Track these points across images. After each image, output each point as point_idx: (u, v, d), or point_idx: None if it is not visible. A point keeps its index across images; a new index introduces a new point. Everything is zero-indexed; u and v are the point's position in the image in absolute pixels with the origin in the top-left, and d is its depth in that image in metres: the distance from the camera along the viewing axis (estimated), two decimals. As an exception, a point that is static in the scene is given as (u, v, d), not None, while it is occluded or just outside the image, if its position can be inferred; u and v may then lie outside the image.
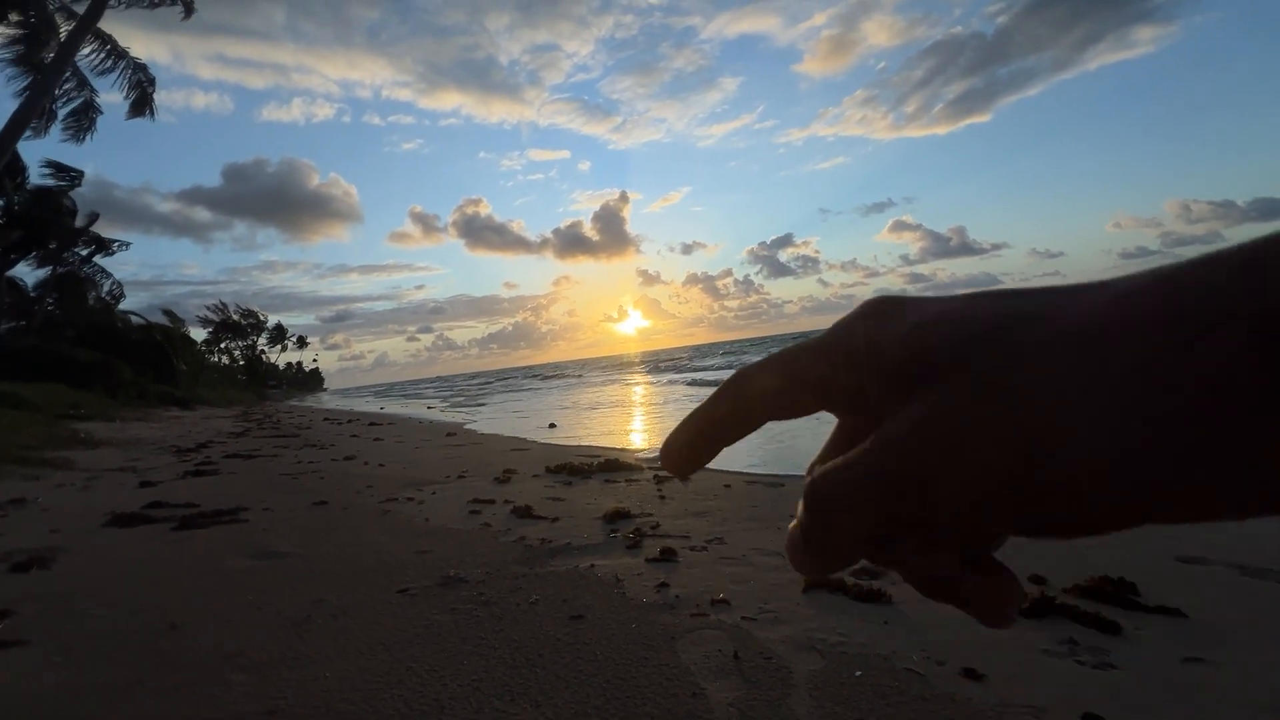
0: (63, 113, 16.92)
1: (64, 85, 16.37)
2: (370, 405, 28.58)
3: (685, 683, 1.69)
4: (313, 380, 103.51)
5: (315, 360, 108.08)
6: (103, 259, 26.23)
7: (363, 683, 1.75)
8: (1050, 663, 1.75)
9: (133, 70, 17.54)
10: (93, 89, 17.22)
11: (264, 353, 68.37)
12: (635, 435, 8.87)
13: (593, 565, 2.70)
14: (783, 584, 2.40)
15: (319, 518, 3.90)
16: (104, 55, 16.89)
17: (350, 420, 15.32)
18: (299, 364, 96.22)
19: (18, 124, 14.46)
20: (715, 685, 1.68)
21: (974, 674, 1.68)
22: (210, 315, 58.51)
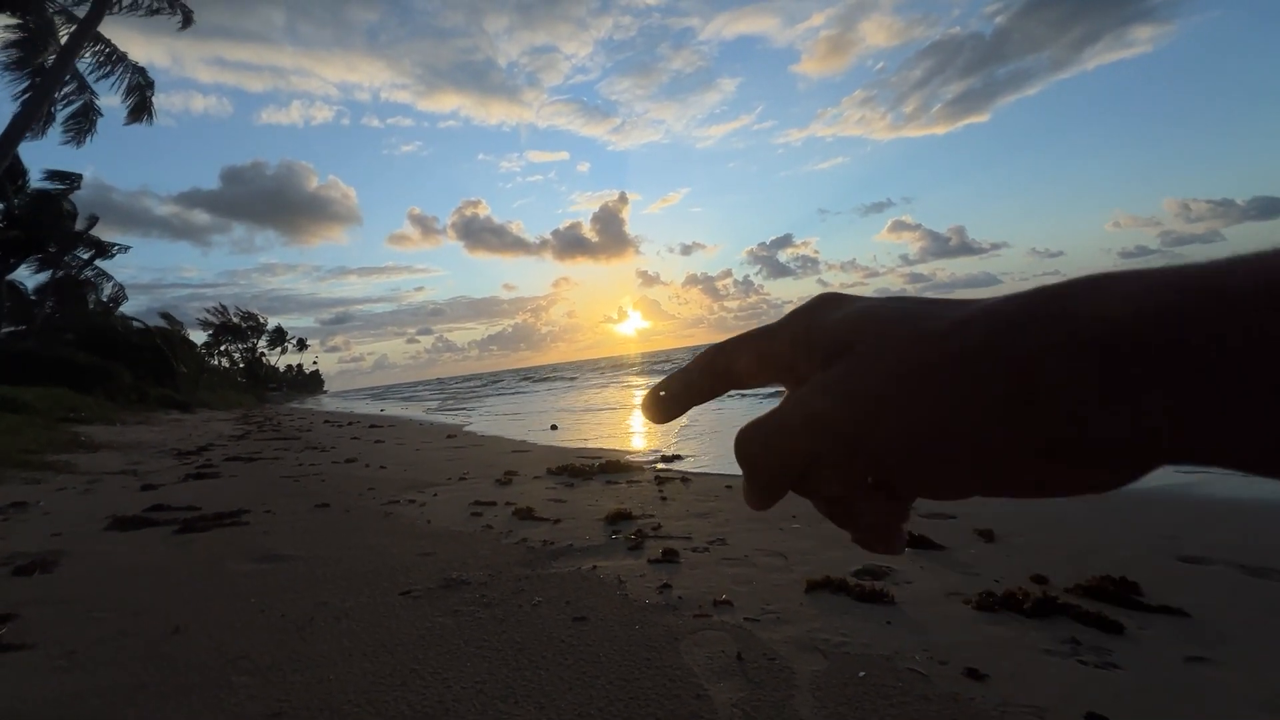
0: (62, 115, 16.92)
1: (64, 88, 16.38)
2: (368, 408, 28.55)
3: (689, 684, 1.69)
4: (313, 383, 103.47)
5: (315, 363, 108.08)
6: (102, 262, 26.28)
7: (366, 685, 1.75)
8: (1053, 663, 1.75)
9: (131, 74, 17.55)
10: (93, 91, 17.23)
11: (264, 355, 68.37)
12: (636, 437, 8.87)
13: (595, 567, 2.70)
14: (785, 585, 2.40)
15: (321, 520, 3.90)
16: (103, 58, 16.92)
17: (351, 423, 15.33)
18: (299, 366, 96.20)
19: (18, 127, 14.46)
20: (718, 686, 1.68)
21: (976, 674, 1.69)
22: (210, 318, 58.50)
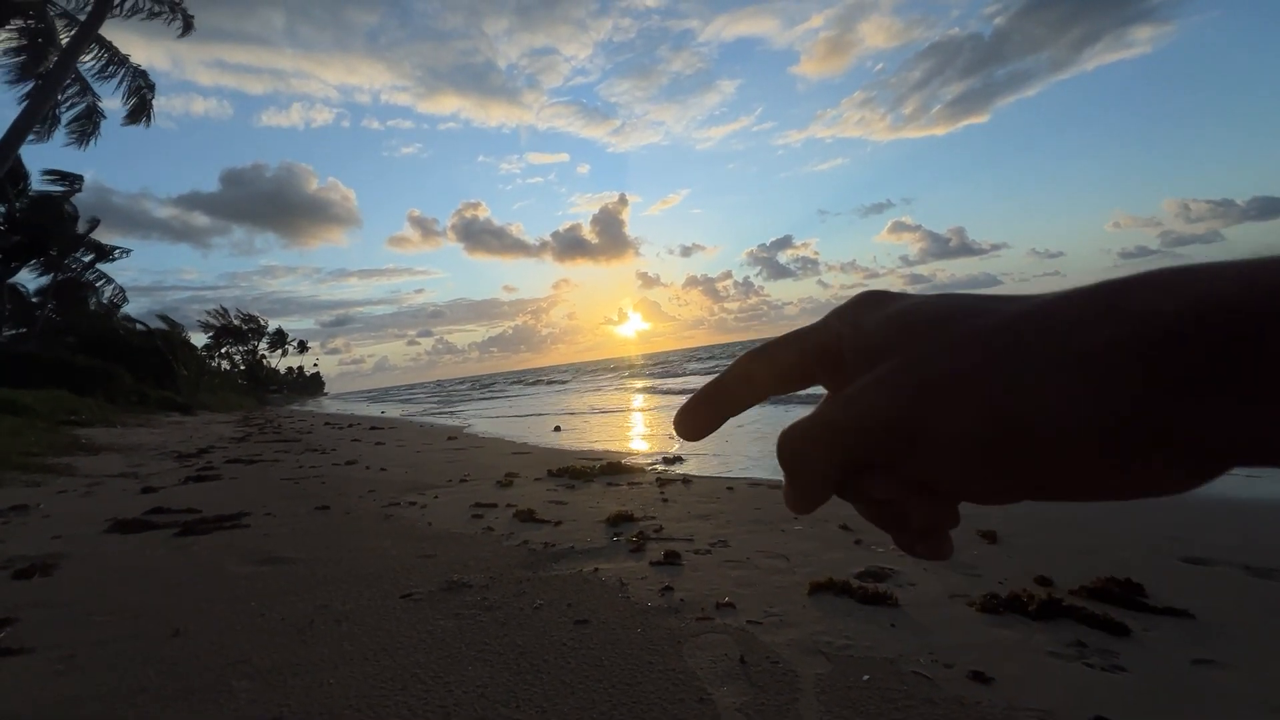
0: (66, 118, 16.98)
1: (66, 91, 16.42)
2: (368, 410, 28.55)
3: (691, 687, 1.68)
4: (313, 385, 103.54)
5: (316, 365, 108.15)
6: (103, 265, 26.31)
7: (367, 689, 1.74)
8: (1059, 665, 1.74)
9: (132, 76, 17.60)
10: (95, 94, 17.27)
11: (265, 357, 68.42)
12: (637, 439, 8.86)
13: (596, 569, 2.69)
14: (787, 587, 2.39)
15: (321, 523, 3.88)
16: (105, 61, 16.96)
17: (351, 425, 15.32)
18: (300, 369, 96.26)
19: (20, 130, 14.49)
20: (722, 690, 1.67)
21: (982, 677, 1.67)
22: (211, 320, 58.59)
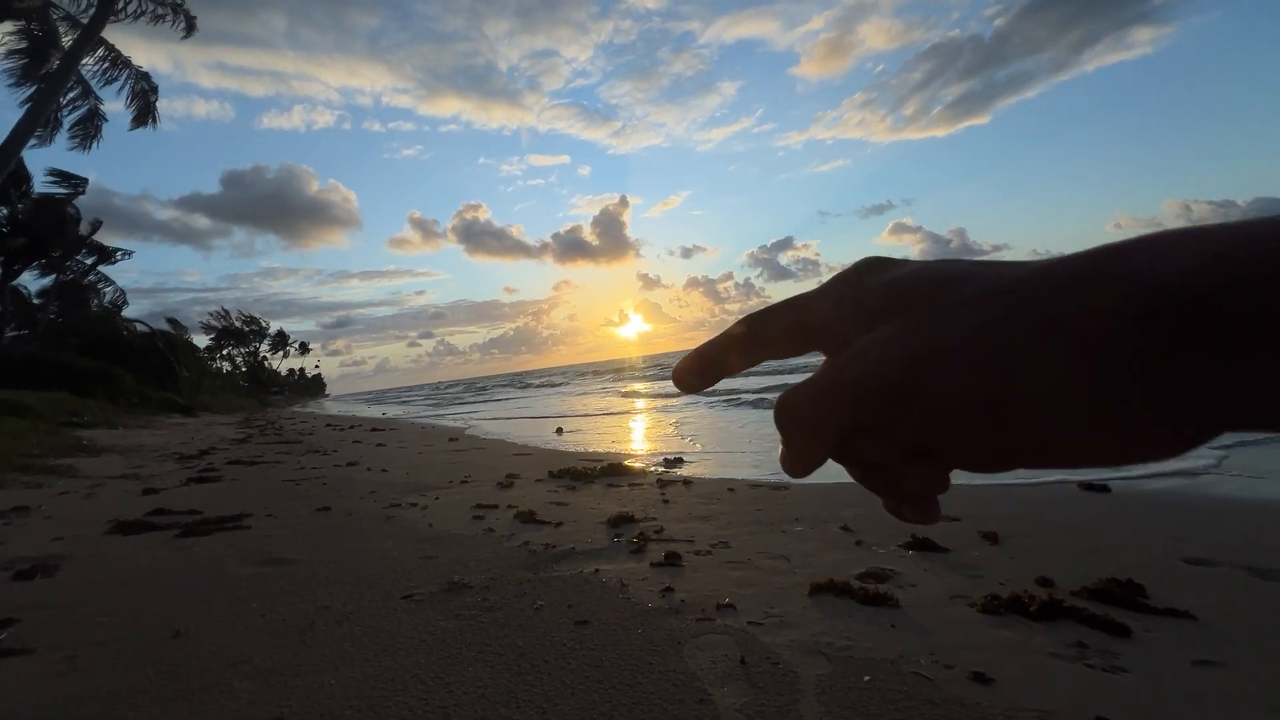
0: (68, 121, 17.02)
1: (69, 94, 16.46)
2: (369, 411, 28.56)
3: (692, 688, 1.68)
4: (315, 386, 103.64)
5: (317, 366, 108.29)
6: (105, 267, 26.37)
7: (368, 689, 1.74)
8: (1059, 666, 1.74)
9: (136, 79, 17.65)
10: (97, 97, 17.32)
11: (266, 359, 68.49)
12: (638, 441, 8.86)
13: (597, 570, 2.69)
14: (788, 588, 2.38)
15: (322, 524, 3.89)
16: (108, 64, 17.01)
17: (352, 426, 15.33)
18: (301, 370, 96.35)
19: (22, 133, 14.53)
20: (722, 691, 1.67)
21: (982, 678, 1.67)
22: (212, 322, 58.67)
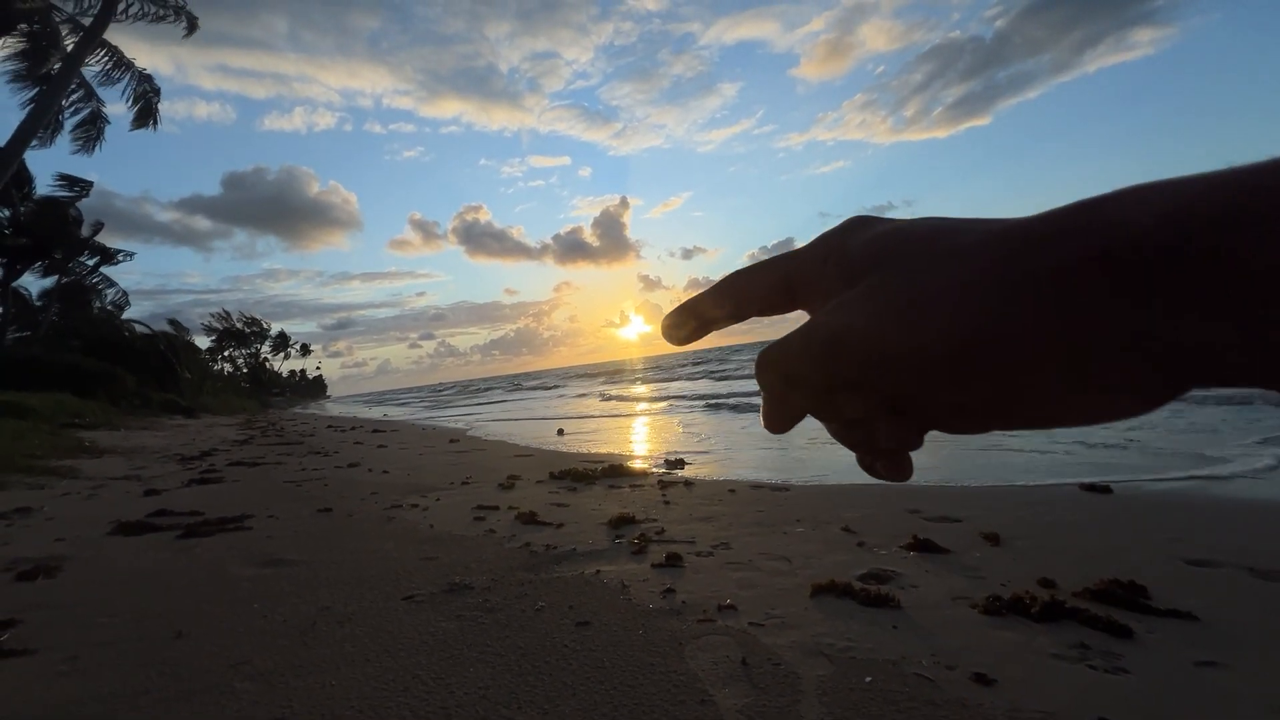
0: (70, 123, 17.07)
1: (71, 96, 16.50)
2: (369, 413, 28.58)
3: (693, 689, 1.68)
4: (316, 388, 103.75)
5: (318, 368, 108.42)
6: (107, 269, 26.42)
7: (369, 690, 1.74)
8: (1061, 667, 1.73)
9: (138, 81, 17.69)
10: (99, 99, 17.36)
11: (267, 360, 68.54)
12: (639, 442, 8.86)
13: (598, 571, 2.69)
14: (789, 589, 2.38)
15: (324, 525, 3.89)
16: (110, 66, 17.05)
17: (354, 427, 15.34)
18: (302, 372, 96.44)
19: (24, 135, 14.57)
20: (723, 692, 1.67)
21: (984, 679, 1.67)
22: (214, 323, 58.74)
